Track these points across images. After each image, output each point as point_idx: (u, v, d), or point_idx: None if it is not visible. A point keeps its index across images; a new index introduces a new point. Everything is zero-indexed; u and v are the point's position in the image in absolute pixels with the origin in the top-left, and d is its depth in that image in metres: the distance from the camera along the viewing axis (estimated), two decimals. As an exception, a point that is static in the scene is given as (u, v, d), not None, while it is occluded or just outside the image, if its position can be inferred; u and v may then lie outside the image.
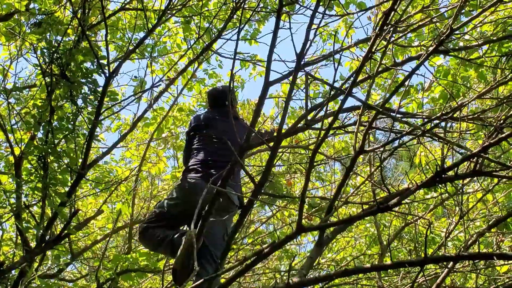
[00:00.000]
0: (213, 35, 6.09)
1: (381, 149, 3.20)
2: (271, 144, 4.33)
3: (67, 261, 7.11)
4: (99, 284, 6.60)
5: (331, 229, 3.36)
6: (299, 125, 4.76)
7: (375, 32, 3.46)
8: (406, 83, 3.52)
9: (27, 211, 4.68)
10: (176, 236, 4.87)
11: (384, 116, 3.58)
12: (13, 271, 4.74)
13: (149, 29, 4.80)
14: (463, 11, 4.13)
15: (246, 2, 5.68)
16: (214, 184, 4.87)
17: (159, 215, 5.02)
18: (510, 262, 5.34)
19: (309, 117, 4.25)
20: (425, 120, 3.72)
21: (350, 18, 6.07)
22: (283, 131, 4.36)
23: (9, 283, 4.62)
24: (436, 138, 3.15)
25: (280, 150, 5.76)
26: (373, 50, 3.48)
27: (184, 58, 7.33)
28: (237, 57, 5.72)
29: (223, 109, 5.48)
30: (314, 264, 6.06)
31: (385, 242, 7.12)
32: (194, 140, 5.36)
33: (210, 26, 5.75)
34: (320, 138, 2.91)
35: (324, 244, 3.30)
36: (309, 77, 3.43)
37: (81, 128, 5.23)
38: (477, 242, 4.67)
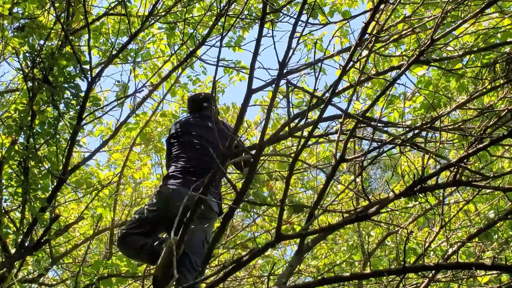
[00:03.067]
0: (197, 42, 6.10)
1: (362, 158, 3.20)
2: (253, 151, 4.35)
3: (47, 266, 7.05)
4: (79, 290, 6.55)
5: (311, 237, 3.36)
6: (281, 133, 4.80)
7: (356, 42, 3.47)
8: (388, 92, 3.54)
9: (7, 216, 4.63)
10: (156, 243, 4.85)
11: (365, 126, 3.58)
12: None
13: (132, 34, 4.78)
14: (444, 21, 4.16)
15: (231, 9, 5.68)
16: (195, 191, 4.89)
17: (139, 222, 4.99)
18: (490, 272, 5.36)
19: (291, 125, 4.25)
20: (406, 129, 3.73)
21: (345, 26, 6.08)
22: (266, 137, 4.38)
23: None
24: (416, 148, 3.16)
25: (262, 158, 5.77)
26: (355, 60, 3.50)
27: (168, 63, 7.33)
28: (221, 64, 5.74)
29: (201, 113, 5.48)
30: (295, 271, 6.06)
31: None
32: (173, 147, 5.35)
33: (195, 32, 5.73)
34: (300, 145, 2.91)
35: (304, 252, 3.29)
36: (290, 85, 3.42)
37: (62, 133, 5.20)
38: (457, 253, 4.68)
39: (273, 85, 3.91)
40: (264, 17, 4.05)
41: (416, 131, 3.12)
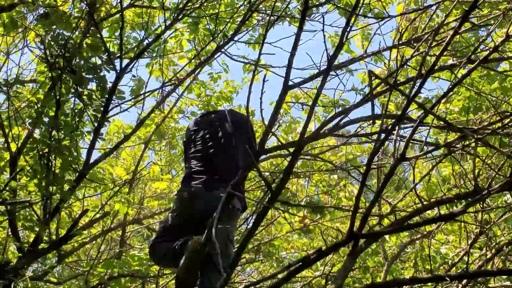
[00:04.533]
0: (220, 38, 5.98)
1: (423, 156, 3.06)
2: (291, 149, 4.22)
3: (52, 264, 6.88)
4: (89, 289, 6.41)
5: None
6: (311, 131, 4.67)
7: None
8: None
9: (29, 209, 4.46)
10: (178, 244, 4.73)
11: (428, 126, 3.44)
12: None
13: (165, 26, 4.63)
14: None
15: (259, 6, 5.54)
16: (221, 191, 4.77)
17: (164, 230, 4.92)
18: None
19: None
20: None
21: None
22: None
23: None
24: (489, 147, 3.04)
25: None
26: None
27: (184, 59, 7.19)
28: (249, 62, 5.62)
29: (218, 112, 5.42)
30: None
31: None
32: (190, 146, 5.23)
33: (224, 27, 5.59)
34: (377, 144, 2.77)
35: (358, 253, 3.16)
36: (372, 75, 3.28)
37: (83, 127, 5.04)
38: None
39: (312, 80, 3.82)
40: (306, 10, 3.93)
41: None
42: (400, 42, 3.87)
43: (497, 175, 3.49)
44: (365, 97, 3.81)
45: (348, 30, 3.45)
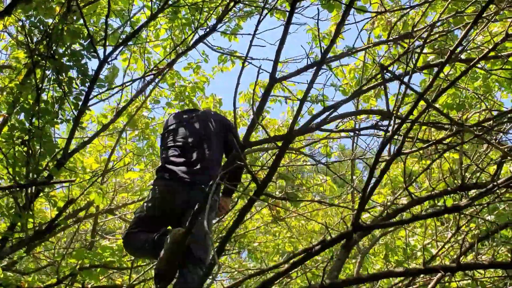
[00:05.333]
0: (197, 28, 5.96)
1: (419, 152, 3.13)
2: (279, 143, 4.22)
3: (21, 254, 6.76)
4: (59, 280, 6.30)
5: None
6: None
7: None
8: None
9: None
10: (157, 236, 4.70)
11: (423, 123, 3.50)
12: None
13: (151, 14, 4.58)
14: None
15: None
16: (202, 184, 4.76)
17: (139, 220, 4.85)
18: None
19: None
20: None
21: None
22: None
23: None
24: (488, 143, 3.11)
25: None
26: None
27: (158, 48, 7.13)
28: (232, 54, 5.62)
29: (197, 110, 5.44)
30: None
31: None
32: (168, 138, 5.19)
33: (206, 18, 5.55)
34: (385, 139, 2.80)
35: (352, 246, 3.21)
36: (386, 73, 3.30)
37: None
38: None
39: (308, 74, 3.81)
40: (295, 4, 3.93)
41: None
42: (392, 37, 3.92)
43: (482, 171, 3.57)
44: (373, 87, 3.82)
45: (343, 25, 3.49)
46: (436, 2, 4.71)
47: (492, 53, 4.32)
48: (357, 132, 4.36)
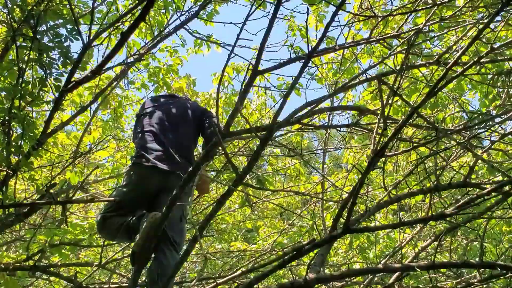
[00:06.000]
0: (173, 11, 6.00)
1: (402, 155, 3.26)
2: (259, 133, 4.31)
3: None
4: (28, 256, 6.32)
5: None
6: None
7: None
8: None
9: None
10: (133, 219, 4.77)
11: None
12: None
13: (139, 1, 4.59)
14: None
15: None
16: (178, 169, 4.82)
17: (115, 204, 4.89)
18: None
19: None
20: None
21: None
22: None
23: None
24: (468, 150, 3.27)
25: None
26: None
27: (137, 32, 7.09)
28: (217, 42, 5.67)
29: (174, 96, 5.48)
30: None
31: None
32: (142, 122, 5.21)
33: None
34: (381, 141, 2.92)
35: (332, 242, 3.35)
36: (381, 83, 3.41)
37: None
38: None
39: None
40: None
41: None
42: (376, 37, 4.03)
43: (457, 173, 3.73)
44: (355, 84, 3.93)
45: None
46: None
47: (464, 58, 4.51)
48: (338, 129, 4.48)
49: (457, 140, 3.12)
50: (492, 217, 5.06)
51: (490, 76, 4.32)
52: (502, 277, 4.59)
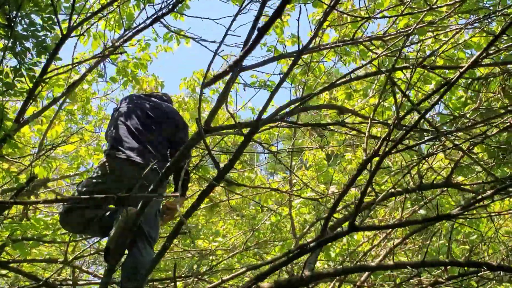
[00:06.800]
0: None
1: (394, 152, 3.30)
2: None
3: None
4: (-10, 250, 6.16)
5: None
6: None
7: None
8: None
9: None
10: (107, 214, 4.68)
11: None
12: None
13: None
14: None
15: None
16: (154, 163, 4.75)
17: (84, 195, 4.77)
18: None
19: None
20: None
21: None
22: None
23: None
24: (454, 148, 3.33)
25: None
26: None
27: (110, 26, 6.98)
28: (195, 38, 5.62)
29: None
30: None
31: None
32: (117, 119, 5.13)
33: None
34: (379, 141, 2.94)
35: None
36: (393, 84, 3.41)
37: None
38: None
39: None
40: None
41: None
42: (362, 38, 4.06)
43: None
44: (344, 83, 3.94)
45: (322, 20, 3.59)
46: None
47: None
48: (325, 128, 4.49)
49: (454, 142, 3.18)
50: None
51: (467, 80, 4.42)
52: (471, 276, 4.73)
